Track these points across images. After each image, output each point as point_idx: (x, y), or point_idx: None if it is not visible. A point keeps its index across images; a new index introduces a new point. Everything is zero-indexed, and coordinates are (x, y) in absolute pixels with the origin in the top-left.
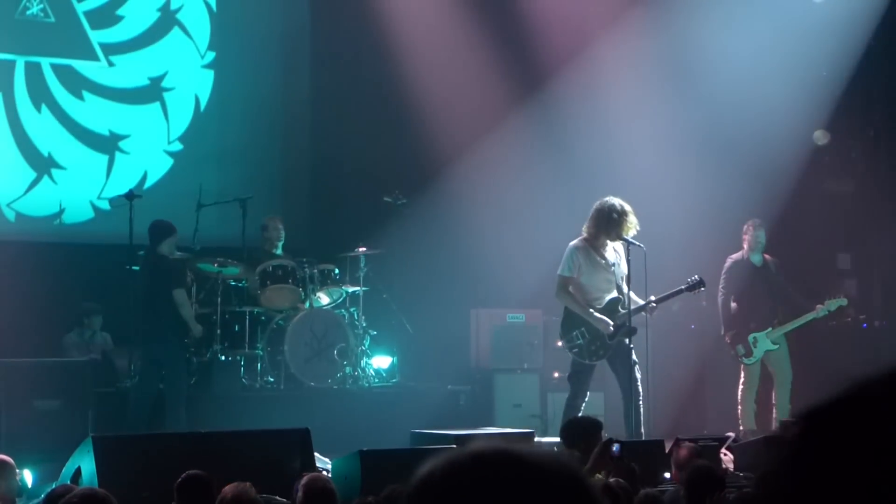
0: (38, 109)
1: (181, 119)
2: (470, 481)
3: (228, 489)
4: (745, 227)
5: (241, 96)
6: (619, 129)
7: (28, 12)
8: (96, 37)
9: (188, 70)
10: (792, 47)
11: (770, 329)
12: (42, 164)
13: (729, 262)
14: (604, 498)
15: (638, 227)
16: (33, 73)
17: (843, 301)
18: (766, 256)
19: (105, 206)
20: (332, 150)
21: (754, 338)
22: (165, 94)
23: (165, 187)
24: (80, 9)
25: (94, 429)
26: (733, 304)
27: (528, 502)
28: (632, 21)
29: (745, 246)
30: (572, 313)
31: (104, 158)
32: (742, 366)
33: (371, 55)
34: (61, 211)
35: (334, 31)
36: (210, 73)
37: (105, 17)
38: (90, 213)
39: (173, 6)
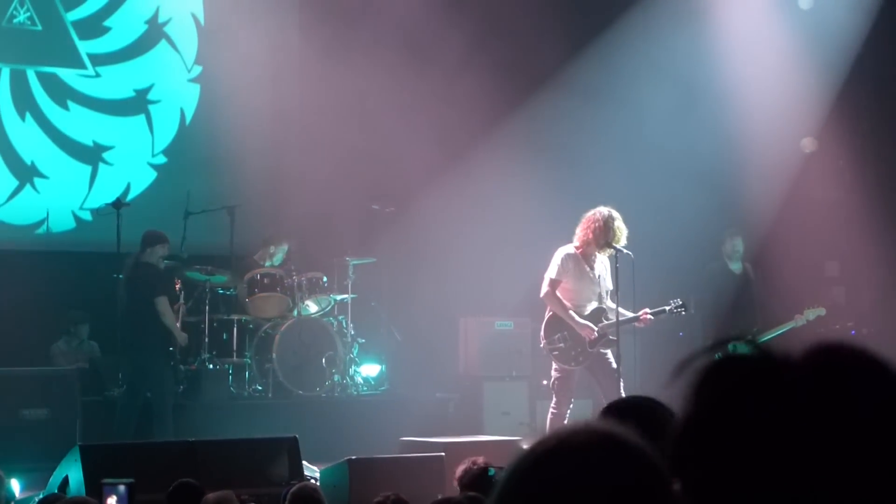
0: (23, 118)
1: (166, 132)
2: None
3: (210, 497)
4: (723, 236)
5: (227, 111)
6: (606, 138)
7: (15, 20)
8: (84, 47)
9: (174, 83)
10: (780, 55)
11: (748, 336)
12: (25, 173)
13: (707, 268)
14: None
15: (626, 237)
16: (18, 80)
17: (822, 311)
18: (746, 264)
19: (87, 216)
20: (321, 158)
21: (734, 346)
22: (151, 107)
23: (148, 199)
24: (69, 18)
25: (82, 437)
26: (714, 312)
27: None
28: (620, 30)
29: (723, 254)
30: (556, 316)
31: (87, 169)
32: None
33: (360, 64)
34: (43, 220)
35: (323, 41)
36: (196, 88)
37: (92, 27)
38: (72, 224)
39: (161, 19)
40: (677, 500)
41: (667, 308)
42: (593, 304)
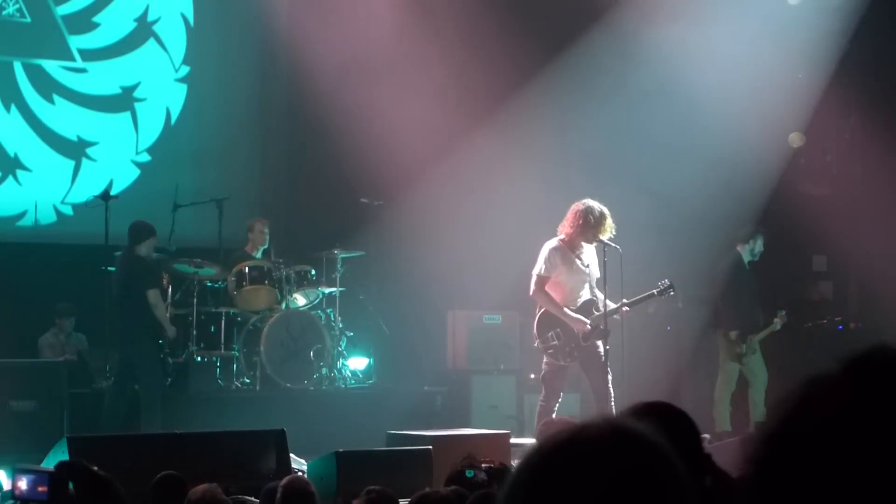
0: (7, 109)
1: (151, 130)
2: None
3: (197, 490)
4: (751, 232)
5: (214, 112)
6: (595, 132)
7: (4, 12)
8: (72, 42)
9: (161, 82)
10: (767, 50)
11: (759, 332)
12: (7, 165)
13: (734, 262)
14: None
15: (614, 231)
16: (4, 72)
17: (784, 317)
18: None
19: (68, 211)
20: (310, 151)
21: (750, 339)
22: (136, 105)
23: (130, 197)
24: (58, 12)
25: (70, 429)
26: (735, 304)
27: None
28: (607, 25)
29: (743, 248)
30: (548, 313)
31: (70, 164)
32: (722, 366)
33: (348, 61)
34: (24, 212)
35: (313, 37)
36: (183, 88)
37: (81, 22)
38: (53, 217)
39: (150, 18)
40: (692, 493)
41: (655, 291)
42: (585, 295)
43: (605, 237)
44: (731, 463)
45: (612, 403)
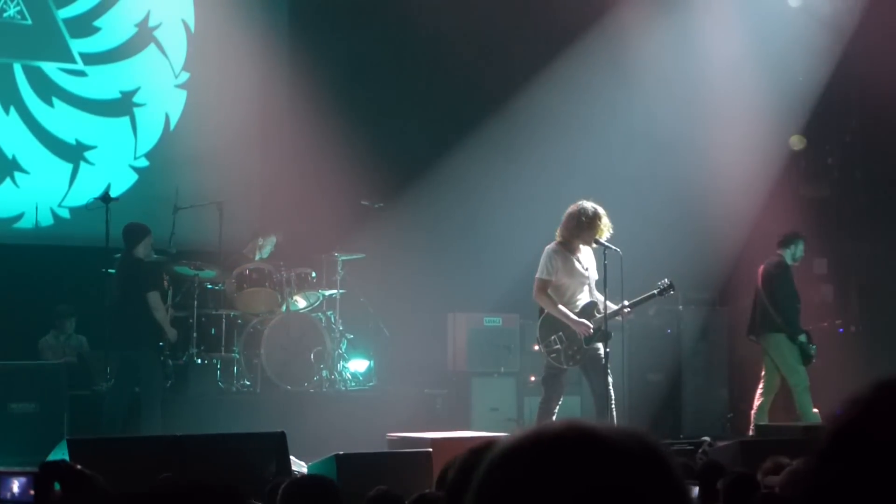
0: (6, 111)
1: (149, 136)
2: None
3: None
4: (793, 236)
5: (213, 119)
6: (593, 132)
7: (5, 14)
8: (73, 45)
9: (161, 88)
10: (768, 52)
11: None
12: (5, 167)
13: (783, 266)
14: None
15: (611, 231)
16: (4, 74)
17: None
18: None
19: (65, 214)
20: (310, 154)
21: (807, 336)
22: (136, 110)
23: (129, 200)
24: (60, 15)
25: (70, 431)
26: (793, 308)
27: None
28: (607, 25)
29: (784, 252)
30: (550, 317)
31: (68, 167)
32: (803, 366)
33: (349, 60)
34: (21, 214)
35: (313, 36)
36: (183, 94)
37: (82, 26)
38: (50, 220)
39: (151, 23)
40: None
41: (655, 291)
42: (585, 298)
43: (602, 237)
44: (729, 463)
45: (612, 406)
